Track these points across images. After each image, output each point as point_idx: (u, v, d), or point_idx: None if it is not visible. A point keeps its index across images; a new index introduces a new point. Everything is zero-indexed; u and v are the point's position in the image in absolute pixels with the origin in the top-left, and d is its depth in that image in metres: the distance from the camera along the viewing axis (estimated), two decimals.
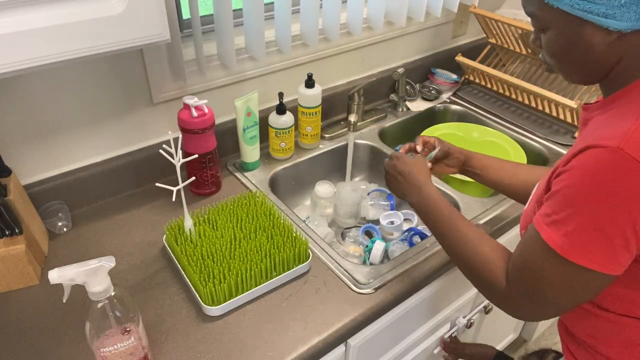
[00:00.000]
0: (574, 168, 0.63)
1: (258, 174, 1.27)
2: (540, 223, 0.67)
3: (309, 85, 1.27)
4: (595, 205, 0.61)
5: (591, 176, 0.61)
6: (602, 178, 0.60)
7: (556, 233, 0.64)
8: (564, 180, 0.64)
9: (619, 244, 0.62)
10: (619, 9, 0.60)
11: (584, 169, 0.62)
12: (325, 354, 0.88)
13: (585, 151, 0.62)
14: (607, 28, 0.62)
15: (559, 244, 0.64)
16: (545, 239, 0.66)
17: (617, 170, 0.59)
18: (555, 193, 0.65)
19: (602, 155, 0.60)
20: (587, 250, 0.63)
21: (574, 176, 0.63)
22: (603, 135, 0.62)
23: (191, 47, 1.16)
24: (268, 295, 0.94)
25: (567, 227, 0.63)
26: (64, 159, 1.10)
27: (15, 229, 0.89)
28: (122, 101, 1.11)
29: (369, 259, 1.13)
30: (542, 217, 0.67)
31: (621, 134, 0.60)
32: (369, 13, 1.44)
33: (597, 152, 0.61)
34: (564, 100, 1.40)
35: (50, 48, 0.71)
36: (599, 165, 0.60)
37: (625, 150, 0.59)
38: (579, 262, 0.63)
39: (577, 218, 0.62)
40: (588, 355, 0.81)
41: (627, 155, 0.59)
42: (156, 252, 1.03)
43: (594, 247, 0.62)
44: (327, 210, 1.30)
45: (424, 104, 1.62)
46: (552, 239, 0.65)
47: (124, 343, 0.73)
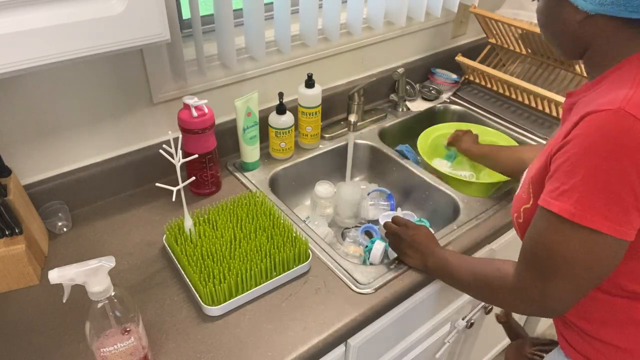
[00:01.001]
0: (577, 136, 0.64)
1: (258, 174, 1.27)
2: (547, 200, 0.67)
3: (309, 85, 1.27)
4: (604, 165, 0.61)
5: (595, 138, 0.62)
6: (607, 138, 0.61)
7: (567, 202, 0.64)
8: (567, 151, 0.65)
9: (630, 203, 0.62)
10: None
11: (587, 133, 0.62)
12: (325, 354, 0.88)
13: (586, 118, 0.63)
14: (577, 7, 0.68)
15: (571, 211, 0.64)
16: (556, 211, 0.65)
17: (621, 129, 0.60)
18: (560, 166, 0.66)
19: (605, 117, 0.61)
20: (600, 212, 0.62)
21: (577, 143, 0.63)
22: (601, 103, 0.63)
23: (191, 47, 1.16)
24: (268, 295, 0.94)
25: (577, 192, 0.63)
26: (64, 159, 1.10)
27: (15, 229, 0.89)
28: (122, 101, 1.11)
29: (369, 259, 1.13)
30: (548, 194, 0.67)
31: (620, 98, 0.62)
32: (369, 13, 1.44)
33: (598, 115, 0.62)
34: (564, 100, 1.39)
35: (50, 48, 0.71)
36: (602, 127, 0.61)
37: (626, 110, 0.60)
38: (593, 226, 0.63)
39: (587, 181, 0.62)
40: (579, 339, 0.83)
41: (629, 115, 0.60)
42: (156, 252, 1.03)
43: (606, 209, 0.62)
44: (327, 210, 1.30)
45: (424, 104, 1.62)
46: (563, 208, 0.64)
47: (124, 343, 0.73)
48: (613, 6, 0.65)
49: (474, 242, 1.09)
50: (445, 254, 0.95)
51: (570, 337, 0.86)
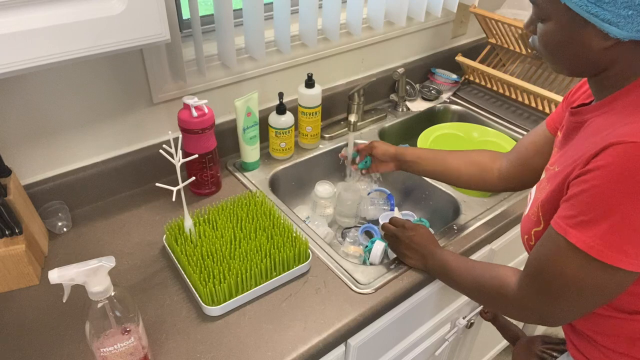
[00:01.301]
0: (600, 167, 0.62)
1: (258, 174, 1.27)
2: (564, 226, 0.66)
3: (309, 85, 1.27)
4: (628, 202, 0.60)
5: (620, 172, 0.60)
6: (633, 173, 0.59)
7: (585, 234, 0.63)
8: (589, 180, 0.63)
9: None
10: (623, 19, 0.61)
11: (612, 166, 0.61)
12: (325, 354, 0.88)
13: (609, 148, 0.61)
14: (607, 34, 0.63)
15: (590, 245, 0.63)
16: (572, 242, 0.64)
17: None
18: (579, 194, 0.64)
19: (630, 151, 0.60)
20: (622, 250, 0.62)
21: (601, 175, 0.62)
22: (623, 133, 0.61)
23: (191, 47, 1.16)
24: (268, 295, 0.94)
25: (598, 227, 0.62)
26: (64, 158, 1.10)
27: (15, 229, 0.89)
28: (122, 101, 1.11)
29: (369, 259, 1.13)
30: (565, 219, 0.66)
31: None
32: (369, 13, 1.44)
33: (624, 148, 0.60)
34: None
35: (50, 48, 0.71)
36: (627, 161, 0.60)
37: None
38: (612, 263, 0.62)
39: (611, 217, 0.61)
40: (593, 348, 0.81)
41: None
42: (156, 252, 1.03)
43: (630, 246, 0.61)
44: (327, 210, 1.30)
45: (424, 104, 1.62)
46: (581, 241, 0.64)
47: (124, 343, 0.73)
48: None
49: (474, 242, 1.09)
50: (445, 256, 0.94)
51: (580, 344, 0.84)
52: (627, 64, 0.67)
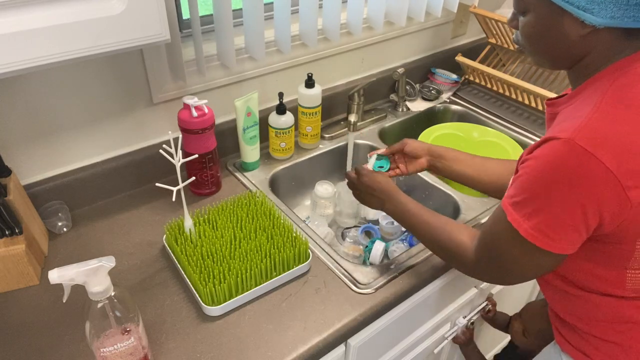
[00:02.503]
0: (535, 157, 0.69)
1: (258, 174, 1.27)
2: (506, 203, 0.73)
3: (309, 85, 1.27)
4: (550, 191, 0.67)
5: (546, 165, 0.67)
6: (555, 166, 0.66)
7: (518, 214, 0.71)
8: (526, 167, 0.70)
9: (569, 225, 0.68)
10: (597, 5, 0.64)
11: (541, 158, 0.68)
12: (325, 354, 0.88)
13: (546, 142, 0.68)
14: (583, 21, 0.66)
15: (521, 225, 0.70)
16: (509, 220, 0.71)
17: (567, 159, 0.65)
18: (519, 177, 0.71)
19: (556, 146, 0.66)
20: (544, 234, 0.69)
21: (533, 164, 0.69)
22: (561, 128, 0.67)
23: (191, 47, 1.16)
24: (268, 295, 0.94)
25: (526, 209, 0.69)
26: (64, 158, 1.10)
27: (15, 229, 0.89)
28: (122, 101, 1.11)
29: (369, 259, 1.13)
30: (508, 197, 0.73)
31: (574, 126, 0.66)
32: (369, 13, 1.44)
33: (552, 143, 0.67)
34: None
35: (50, 48, 0.71)
36: (552, 155, 0.66)
37: (575, 140, 0.64)
38: (539, 245, 0.70)
39: (535, 202, 0.69)
40: (575, 334, 0.86)
41: (577, 146, 0.64)
42: (156, 252, 1.03)
43: (550, 231, 0.68)
44: (327, 210, 1.30)
45: (424, 104, 1.62)
46: (515, 219, 0.71)
47: (124, 343, 0.73)
48: (623, 18, 0.64)
49: None
50: (407, 201, 0.96)
51: (565, 332, 0.88)
52: (601, 53, 0.70)
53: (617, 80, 0.68)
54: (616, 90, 0.67)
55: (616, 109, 0.66)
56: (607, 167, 0.63)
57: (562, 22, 0.68)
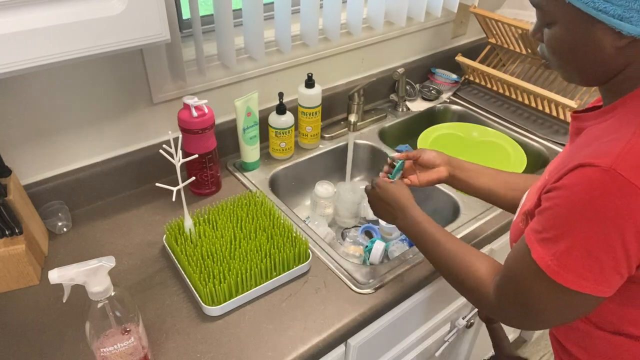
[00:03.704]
0: (565, 187, 0.61)
1: (258, 174, 1.27)
2: (531, 239, 0.65)
3: (309, 85, 1.27)
4: (586, 227, 0.59)
5: (581, 197, 0.59)
6: (593, 199, 0.58)
7: (546, 252, 0.63)
8: (554, 198, 0.62)
9: (609, 267, 0.60)
10: (637, 13, 0.56)
11: (575, 188, 0.59)
12: (325, 354, 0.88)
13: (577, 169, 0.60)
14: (620, 31, 0.58)
15: (548, 265, 0.62)
16: (534, 258, 0.64)
17: (608, 191, 0.57)
18: (546, 210, 0.63)
19: (594, 175, 0.58)
20: (577, 274, 0.61)
21: (564, 195, 0.61)
22: (597, 152, 0.59)
23: (191, 47, 1.16)
24: (268, 295, 0.94)
25: (557, 247, 0.61)
26: (64, 159, 1.10)
27: (15, 229, 0.89)
28: (122, 101, 1.11)
29: (369, 259, 1.13)
30: (533, 232, 0.65)
31: (615, 151, 0.58)
32: (369, 13, 1.44)
33: (588, 171, 0.58)
34: (564, 100, 1.40)
35: (50, 48, 0.71)
36: (589, 185, 0.58)
37: (617, 170, 0.56)
38: (568, 286, 0.62)
39: (567, 239, 0.60)
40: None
41: (619, 176, 0.56)
42: (156, 252, 1.03)
43: (584, 270, 0.60)
44: (327, 210, 1.30)
45: (424, 104, 1.62)
46: (542, 258, 0.63)
47: (124, 343, 0.73)
48: None
49: (474, 242, 1.09)
50: (421, 217, 0.88)
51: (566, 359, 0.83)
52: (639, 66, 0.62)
53: None
54: None
55: None
56: None
57: (595, 33, 0.60)
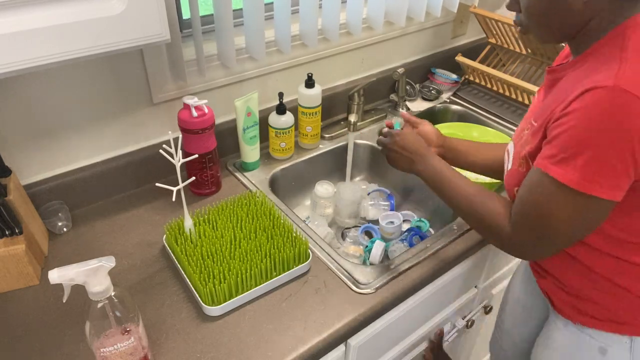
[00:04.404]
0: (576, 110, 0.69)
1: (258, 174, 1.27)
2: (547, 165, 0.73)
3: (309, 85, 1.27)
4: (601, 139, 0.67)
5: (594, 113, 0.68)
6: (604, 113, 0.67)
7: (566, 169, 0.70)
8: (567, 122, 0.70)
9: (621, 172, 0.69)
10: None
11: (587, 108, 0.68)
12: (325, 354, 0.88)
13: (585, 94, 0.69)
14: None
15: (570, 179, 0.70)
16: (555, 177, 0.71)
17: (616, 105, 0.66)
18: (559, 134, 0.71)
19: (602, 93, 0.67)
20: (597, 181, 0.69)
21: (577, 116, 0.69)
22: (597, 80, 0.68)
23: (191, 47, 1.16)
24: (268, 296, 0.94)
25: (575, 162, 0.69)
26: (64, 158, 1.10)
27: (15, 229, 0.89)
28: (122, 101, 1.11)
29: (369, 259, 1.13)
30: (547, 159, 0.73)
31: (612, 75, 0.68)
32: (369, 13, 1.44)
33: (597, 92, 0.68)
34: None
35: (50, 48, 0.71)
36: (600, 103, 0.67)
37: (621, 86, 0.66)
38: (591, 192, 0.70)
39: (585, 153, 0.68)
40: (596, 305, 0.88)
41: (623, 91, 0.66)
42: (156, 252, 1.03)
43: (601, 178, 0.69)
44: (327, 210, 1.30)
45: (424, 104, 1.62)
46: (562, 175, 0.71)
47: (124, 343, 0.73)
48: None
49: (474, 242, 1.09)
50: (439, 164, 0.95)
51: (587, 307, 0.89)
52: (604, 16, 0.73)
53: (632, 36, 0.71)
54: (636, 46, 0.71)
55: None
56: None
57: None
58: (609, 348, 0.89)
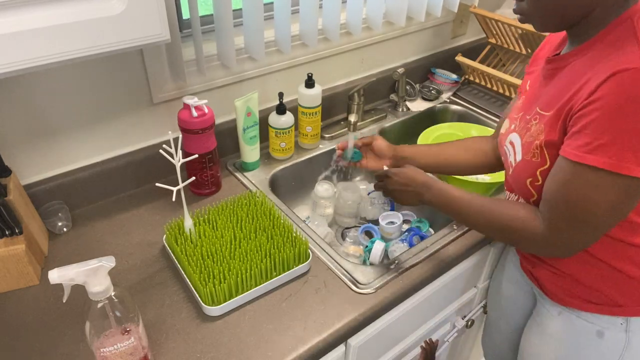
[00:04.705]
0: (605, 95, 0.69)
1: (258, 174, 1.27)
2: (580, 154, 0.72)
3: (309, 85, 1.27)
4: (635, 120, 0.67)
5: (626, 96, 0.67)
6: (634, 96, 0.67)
7: (603, 155, 0.70)
8: (596, 110, 0.69)
9: None
10: None
11: (614, 94, 0.68)
12: (325, 354, 0.88)
13: (611, 78, 0.68)
14: None
15: (608, 163, 0.69)
16: (594, 164, 0.70)
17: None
18: (590, 123, 0.70)
19: (630, 76, 0.67)
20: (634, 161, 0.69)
21: (607, 102, 0.68)
22: (621, 62, 0.68)
23: (191, 47, 1.16)
24: (268, 296, 0.94)
25: (613, 146, 0.69)
26: (64, 159, 1.10)
27: (15, 229, 0.89)
28: (122, 101, 1.11)
29: (369, 259, 1.13)
30: (580, 148, 0.72)
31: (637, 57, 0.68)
32: (369, 13, 1.44)
33: (624, 75, 0.67)
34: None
35: (50, 48, 0.71)
36: (630, 84, 0.67)
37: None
38: (629, 172, 0.69)
39: (622, 136, 0.68)
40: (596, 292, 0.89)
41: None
42: (156, 252, 1.03)
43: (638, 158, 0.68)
44: (327, 210, 1.30)
45: (424, 104, 1.62)
46: (599, 161, 0.70)
47: (124, 343, 0.73)
48: None
49: (474, 242, 1.09)
50: (445, 187, 0.95)
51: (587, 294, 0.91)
52: (608, 5, 0.74)
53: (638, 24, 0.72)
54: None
55: None
56: None
57: None
58: (605, 331, 0.91)
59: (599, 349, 0.92)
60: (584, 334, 0.93)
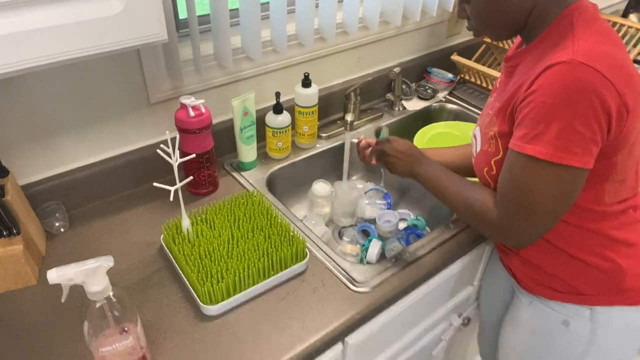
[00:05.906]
0: (540, 87, 0.73)
1: (255, 174, 1.27)
2: (520, 144, 0.76)
3: (305, 85, 1.28)
4: (567, 110, 0.71)
5: (557, 87, 0.72)
6: (566, 85, 0.71)
7: (540, 145, 0.74)
8: (533, 100, 0.74)
9: (589, 139, 0.73)
10: None
11: (549, 84, 0.72)
12: (322, 353, 0.89)
13: (545, 71, 0.73)
14: None
15: (545, 152, 0.73)
16: (531, 154, 0.75)
17: (575, 76, 0.71)
18: (528, 113, 0.75)
19: (562, 68, 0.72)
20: (570, 151, 0.73)
21: (542, 92, 0.73)
22: (553, 58, 0.73)
23: (188, 47, 1.16)
24: (266, 295, 0.94)
25: (548, 136, 0.73)
26: (62, 159, 1.10)
27: (13, 230, 0.89)
28: (119, 101, 1.11)
29: (366, 257, 1.13)
30: (520, 139, 0.77)
31: (569, 51, 0.73)
32: (365, 13, 1.44)
33: (556, 68, 0.72)
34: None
35: (49, 48, 0.71)
36: (561, 76, 0.72)
37: (577, 59, 0.71)
38: (566, 162, 0.73)
39: (555, 125, 0.72)
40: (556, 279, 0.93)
41: (579, 63, 0.71)
42: (154, 252, 1.03)
43: (574, 146, 0.73)
44: (324, 210, 1.30)
45: (420, 103, 1.63)
46: (538, 151, 0.74)
47: (122, 343, 0.73)
48: None
49: (471, 240, 1.10)
50: (434, 164, 0.99)
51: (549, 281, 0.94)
52: (544, 3, 0.79)
53: (577, 20, 0.78)
54: (582, 26, 0.77)
55: (591, 36, 0.75)
56: (607, 78, 0.70)
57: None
58: (571, 320, 0.93)
59: (565, 338, 0.95)
60: (551, 323, 0.96)
